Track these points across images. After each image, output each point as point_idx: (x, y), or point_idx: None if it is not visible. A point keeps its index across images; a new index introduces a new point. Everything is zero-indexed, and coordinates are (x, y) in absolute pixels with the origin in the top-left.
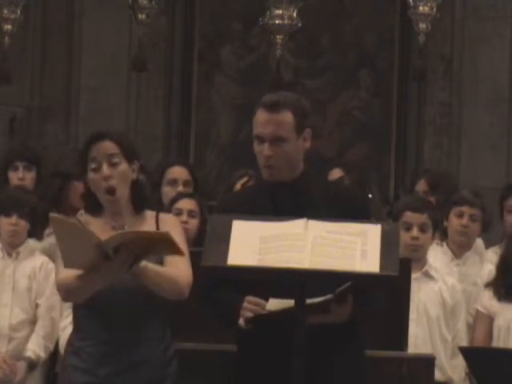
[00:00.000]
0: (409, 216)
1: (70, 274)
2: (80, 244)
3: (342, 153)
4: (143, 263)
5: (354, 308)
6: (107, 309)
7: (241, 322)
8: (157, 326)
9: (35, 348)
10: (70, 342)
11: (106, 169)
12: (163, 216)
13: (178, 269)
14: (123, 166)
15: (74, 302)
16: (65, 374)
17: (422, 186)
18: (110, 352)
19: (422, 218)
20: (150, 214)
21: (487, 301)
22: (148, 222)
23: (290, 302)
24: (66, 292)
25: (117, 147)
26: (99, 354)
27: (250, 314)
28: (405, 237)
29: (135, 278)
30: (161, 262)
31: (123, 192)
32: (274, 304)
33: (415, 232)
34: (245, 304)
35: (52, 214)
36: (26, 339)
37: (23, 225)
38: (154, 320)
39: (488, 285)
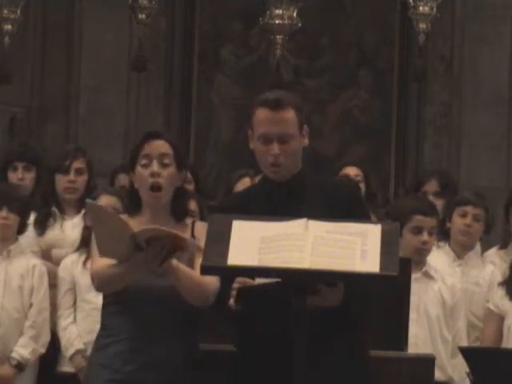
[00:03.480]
0: (420, 220)
1: (105, 263)
2: (114, 233)
3: (341, 153)
4: (175, 263)
5: (345, 293)
6: (133, 307)
7: (231, 302)
8: (182, 326)
9: (22, 351)
10: (97, 339)
11: (155, 166)
12: (198, 224)
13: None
14: (172, 169)
15: (104, 295)
16: (90, 371)
17: (432, 186)
18: (136, 349)
19: (433, 221)
20: (188, 222)
21: (499, 300)
22: (185, 230)
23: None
24: (99, 281)
25: (171, 149)
26: (124, 351)
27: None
28: (414, 241)
29: (164, 276)
30: (191, 265)
31: (167, 194)
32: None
33: (426, 236)
34: (234, 284)
35: (88, 200)
36: (18, 338)
37: (13, 218)
38: (180, 320)
39: (500, 284)
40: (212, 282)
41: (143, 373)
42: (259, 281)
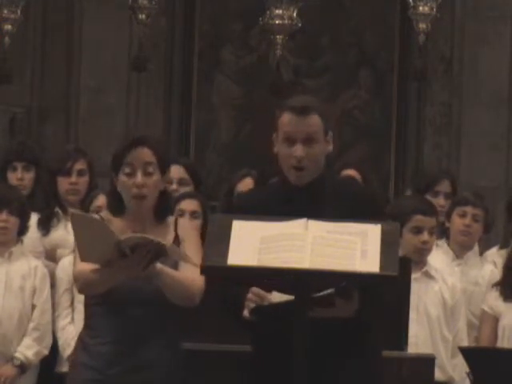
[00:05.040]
0: (420, 220)
1: (88, 266)
2: (99, 240)
3: (342, 153)
4: (159, 266)
5: (360, 304)
6: (120, 309)
7: (245, 313)
8: (168, 327)
9: (27, 352)
10: (80, 339)
11: (140, 177)
12: (182, 222)
13: (192, 275)
14: (156, 176)
15: (86, 298)
16: (73, 370)
17: (446, 187)
18: (121, 352)
19: (433, 221)
20: (170, 220)
21: (493, 301)
22: (168, 229)
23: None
24: (82, 284)
25: (154, 157)
26: (109, 353)
27: (253, 305)
28: (414, 240)
29: (150, 279)
30: (175, 267)
31: (151, 201)
32: (278, 297)
33: (426, 236)
34: (249, 295)
35: (72, 210)
36: (18, 338)
37: (13, 221)
38: (166, 322)
39: (494, 285)
40: (197, 282)
41: (130, 376)
42: (275, 294)
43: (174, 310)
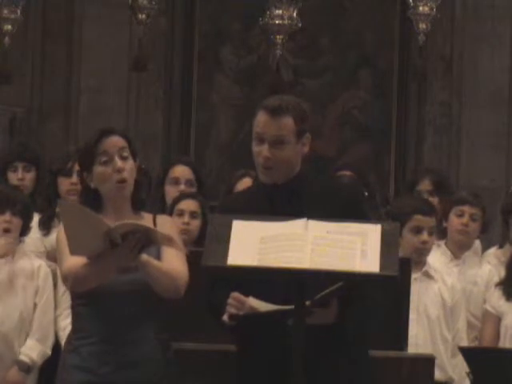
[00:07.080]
0: (420, 220)
1: (77, 262)
2: (88, 230)
3: (342, 153)
4: (145, 257)
5: (339, 311)
6: (107, 307)
7: (224, 317)
8: (156, 325)
9: (30, 353)
10: (68, 341)
11: (118, 161)
12: (160, 217)
13: (176, 267)
14: (131, 161)
15: (72, 300)
16: (63, 373)
17: (426, 185)
18: (110, 350)
19: (432, 221)
20: (147, 216)
21: (496, 300)
22: (145, 222)
23: (268, 304)
24: (74, 280)
25: (126, 142)
26: (99, 353)
27: (233, 311)
28: (414, 240)
29: (132, 273)
30: (158, 256)
31: (130, 186)
32: (257, 304)
33: (426, 236)
34: (229, 300)
35: (60, 200)
36: (19, 338)
37: (16, 222)
38: (154, 319)
39: (497, 285)
40: (182, 273)
41: (121, 374)
42: (252, 299)
43: (161, 308)
